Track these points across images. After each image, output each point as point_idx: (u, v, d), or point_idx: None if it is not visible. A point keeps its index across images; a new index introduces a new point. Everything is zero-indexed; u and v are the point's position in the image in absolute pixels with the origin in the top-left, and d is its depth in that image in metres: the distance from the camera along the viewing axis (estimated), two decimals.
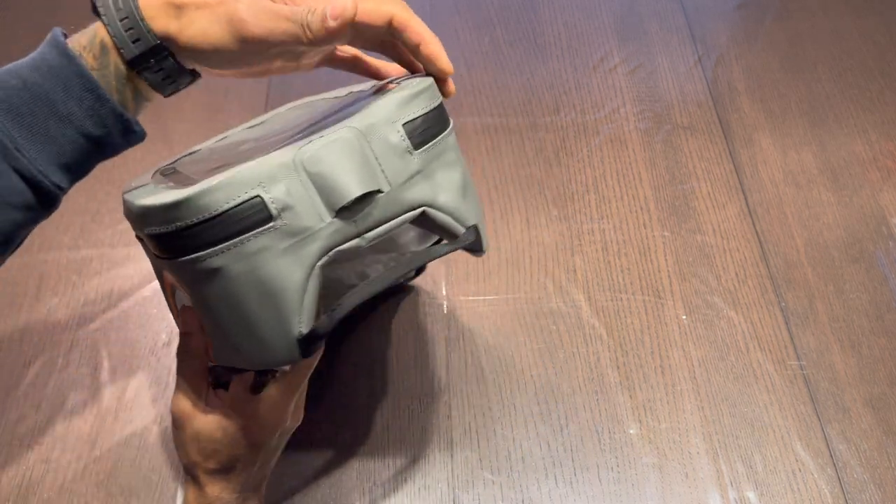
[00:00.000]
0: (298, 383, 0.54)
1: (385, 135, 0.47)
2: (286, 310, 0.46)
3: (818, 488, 0.66)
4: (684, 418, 0.70)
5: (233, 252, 0.45)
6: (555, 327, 0.76)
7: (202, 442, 0.54)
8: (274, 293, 0.45)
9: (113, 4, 0.46)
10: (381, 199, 0.47)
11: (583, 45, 1.03)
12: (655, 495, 0.65)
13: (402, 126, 0.48)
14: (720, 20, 1.07)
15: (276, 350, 0.47)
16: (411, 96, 0.49)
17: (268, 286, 0.45)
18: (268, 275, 0.45)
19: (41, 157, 0.46)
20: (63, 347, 0.73)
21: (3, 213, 0.46)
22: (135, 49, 0.46)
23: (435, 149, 0.50)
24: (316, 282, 0.46)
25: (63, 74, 0.46)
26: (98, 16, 0.46)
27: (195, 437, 0.54)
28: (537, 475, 0.67)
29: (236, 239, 0.44)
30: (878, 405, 0.71)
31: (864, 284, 0.79)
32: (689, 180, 0.88)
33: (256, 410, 0.53)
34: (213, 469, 0.54)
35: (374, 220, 0.47)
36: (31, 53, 0.47)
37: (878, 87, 0.98)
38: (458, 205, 0.51)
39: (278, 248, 0.45)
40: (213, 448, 0.54)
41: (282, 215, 0.44)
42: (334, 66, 0.58)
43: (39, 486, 0.65)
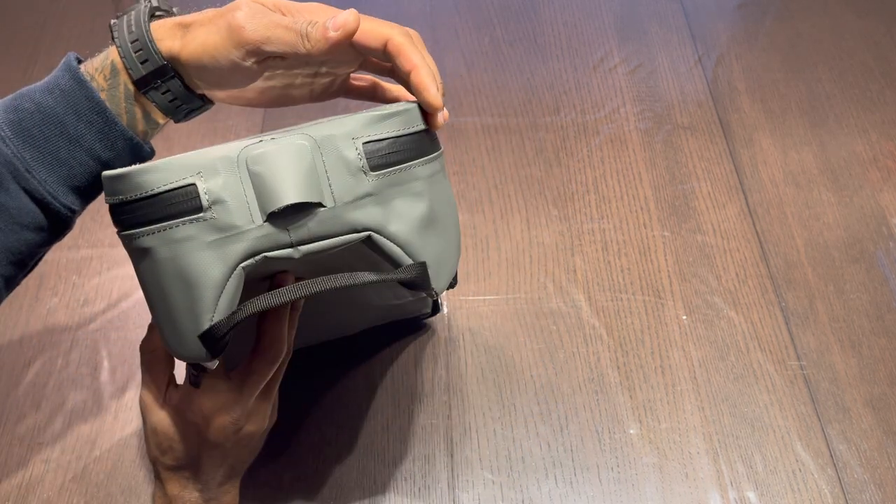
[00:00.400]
0: (254, 384, 0.52)
1: (341, 149, 0.45)
2: (200, 304, 0.45)
3: (818, 488, 0.66)
4: (684, 418, 0.70)
5: (160, 235, 0.45)
6: (555, 327, 0.76)
7: (159, 437, 0.53)
8: (191, 284, 0.45)
9: (126, 28, 0.48)
10: (321, 214, 0.45)
11: (583, 45, 1.03)
12: (655, 495, 0.65)
13: (362, 144, 0.46)
14: (720, 20, 1.07)
15: (189, 344, 0.47)
16: (382, 116, 0.47)
17: (187, 276, 0.45)
18: (188, 265, 0.45)
19: (51, 179, 0.47)
20: (63, 347, 0.73)
21: (15, 234, 0.47)
22: (142, 69, 0.47)
23: (398, 175, 0.47)
24: (236, 283, 0.45)
25: (74, 98, 0.47)
26: (112, 39, 0.48)
27: (153, 431, 0.54)
28: (537, 475, 0.67)
29: (165, 223, 0.44)
30: (878, 405, 0.71)
31: (865, 284, 0.79)
32: (689, 180, 0.88)
33: (201, 407, 0.52)
34: (172, 466, 0.54)
35: (311, 233, 0.45)
36: (47, 77, 0.49)
37: (878, 87, 0.98)
38: (411, 238, 0.48)
39: (203, 240, 0.44)
40: (167, 444, 0.53)
41: (212, 208, 0.44)
42: (351, 96, 0.57)
43: (39, 486, 0.65)
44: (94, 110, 0.47)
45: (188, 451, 0.54)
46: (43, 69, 0.98)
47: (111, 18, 0.50)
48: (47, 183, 0.47)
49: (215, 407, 0.52)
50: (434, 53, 1.05)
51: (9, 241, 0.47)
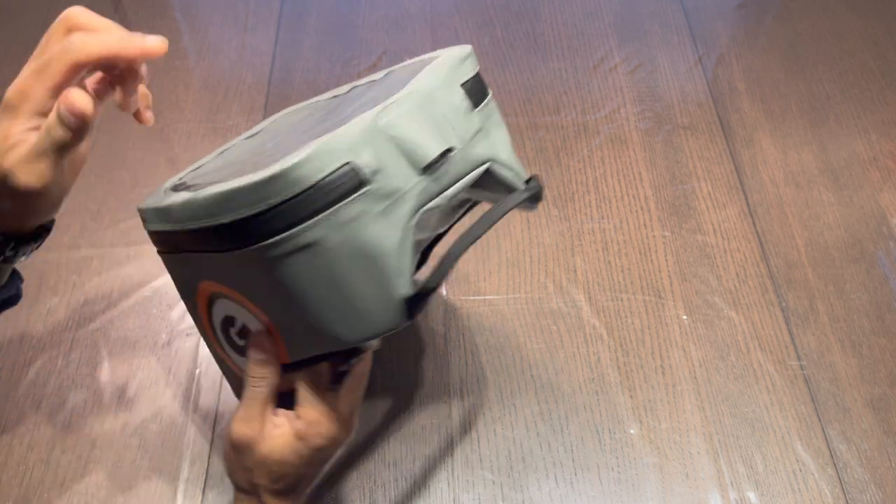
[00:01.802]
0: (359, 394, 0.53)
1: (447, 96, 0.49)
2: (387, 273, 0.46)
3: (819, 488, 0.66)
4: (685, 418, 0.70)
5: (328, 222, 0.44)
6: (555, 327, 0.76)
7: (271, 466, 0.52)
8: (374, 257, 0.45)
9: None
10: (454, 157, 0.48)
11: (583, 45, 1.03)
12: (656, 495, 0.65)
13: (461, 87, 0.49)
14: (720, 20, 1.07)
15: (378, 317, 0.47)
16: (461, 59, 0.50)
17: (367, 251, 0.45)
18: (366, 240, 0.45)
19: None
20: (63, 347, 0.73)
21: None
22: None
23: (487, 108, 0.51)
24: (410, 242, 0.46)
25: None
26: None
27: (263, 462, 0.52)
28: (537, 475, 0.66)
29: (332, 209, 0.44)
30: (878, 405, 0.71)
31: (865, 284, 0.79)
32: (689, 180, 0.88)
33: (328, 428, 0.52)
34: (280, 489, 0.53)
35: (451, 177, 0.48)
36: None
37: (878, 87, 0.98)
38: (514, 160, 0.52)
39: (373, 211, 0.45)
40: (282, 471, 0.52)
41: (374, 178, 0.44)
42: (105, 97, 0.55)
43: (39, 486, 0.65)
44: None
45: (303, 473, 0.53)
46: None
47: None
48: None
49: (337, 425, 0.52)
50: None
51: None
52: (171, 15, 1.07)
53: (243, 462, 0.52)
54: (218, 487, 0.65)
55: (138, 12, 1.06)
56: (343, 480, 0.66)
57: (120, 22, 0.52)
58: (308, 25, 1.05)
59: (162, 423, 0.69)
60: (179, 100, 0.95)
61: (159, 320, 0.76)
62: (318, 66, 1.00)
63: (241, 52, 1.02)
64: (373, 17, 1.06)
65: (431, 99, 0.48)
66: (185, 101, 0.95)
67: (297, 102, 0.95)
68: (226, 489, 0.65)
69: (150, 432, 0.68)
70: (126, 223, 0.83)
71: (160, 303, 0.77)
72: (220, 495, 0.65)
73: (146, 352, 0.73)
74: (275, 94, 0.97)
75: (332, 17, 1.07)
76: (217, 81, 0.98)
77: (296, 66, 1.00)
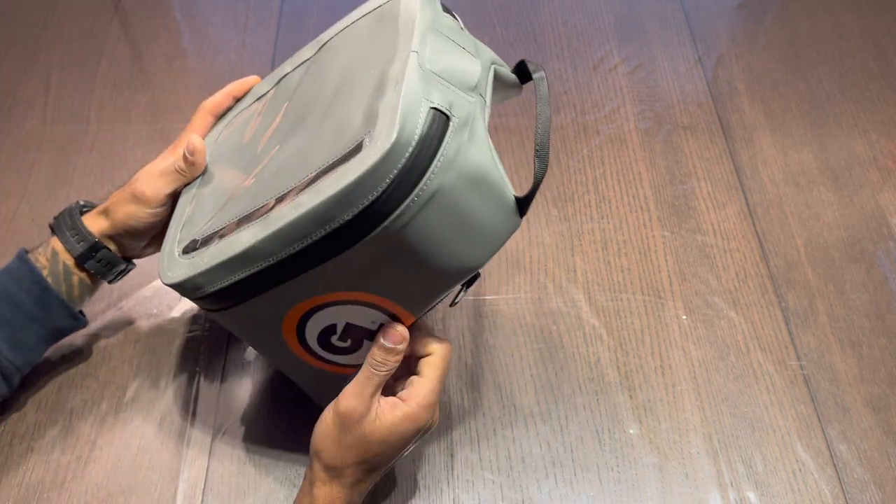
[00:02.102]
0: (445, 371, 0.57)
1: (445, 21, 0.53)
2: (498, 184, 0.48)
3: (818, 488, 0.66)
4: (684, 418, 0.70)
5: (440, 168, 0.45)
6: (555, 327, 0.76)
7: (372, 443, 0.54)
8: (483, 177, 0.47)
9: (64, 224, 0.63)
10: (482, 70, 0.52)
11: (583, 45, 1.03)
12: (655, 495, 0.65)
13: (445, 11, 0.55)
14: (720, 20, 1.07)
15: (501, 227, 0.50)
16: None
17: (477, 175, 0.47)
18: (472, 166, 0.47)
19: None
20: (63, 348, 0.73)
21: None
22: (79, 248, 0.62)
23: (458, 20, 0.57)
24: (495, 151, 0.49)
25: (18, 272, 0.62)
26: (52, 233, 0.63)
27: (365, 438, 0.54)
28: (537, 475, 0.67)
29: (438, 155, 0.45)
30: (878, 405, 0.71)
31: (865, 285, 0.79)
32: (689, 180, 0.88)
33: (433, 409, 0.55)
34: (370, 468, 0.56)
35: (484, 87, 0.53)
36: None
37: (878, 87, 0.98)
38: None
39: (464, 140, 0.47)
40: (381, 450, 0.54)
41: (452, 112, 0.46)
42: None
43: (39, 486, 0.65)
44: (34, 281, 0.61)
45: (395, 455, 0.56)
46: (42, 69, 0.99)
47: (53, 217, 0.64)
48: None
49: (434, 412, 0.56)
50: None
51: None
52: (171, 15, 1.07)
53: (342, 437, 0.54)
54: (218, 488, 0.65)
55: (138, 12, 1.06)
56: None
57: (120, 22, 0.52)
58: (308, 25, 1.05)
59: (162, 423, 0.69)
60: (180, 100, 0.95)
61: (159, 320, 0.76)
62: None
63: (241, 52, 1.02)
64: None
65: (438, 30, 0.51)
66: (186, 102, 0.95)
67: None
68: (226, 490, 0.65)
69: (150, 432, 0.68)
70: None
71: (160, 303, 0.77)
72: (221, 495, 0.65)
73: (146, 352, 0.73)
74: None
75: (332, 17, 1.07)
76: (217, 82, 0.98)
77: None
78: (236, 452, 0.67)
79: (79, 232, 0.63)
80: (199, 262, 0.51)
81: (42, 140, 0.91)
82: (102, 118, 0.93)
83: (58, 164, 0.89)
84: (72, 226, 0.63)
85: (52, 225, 0.64)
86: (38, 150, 0.90)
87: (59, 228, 0.63)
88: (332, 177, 0.45)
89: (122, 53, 1.01)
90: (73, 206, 0.65)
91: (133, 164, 0.88)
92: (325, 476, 0.55)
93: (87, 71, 0.98)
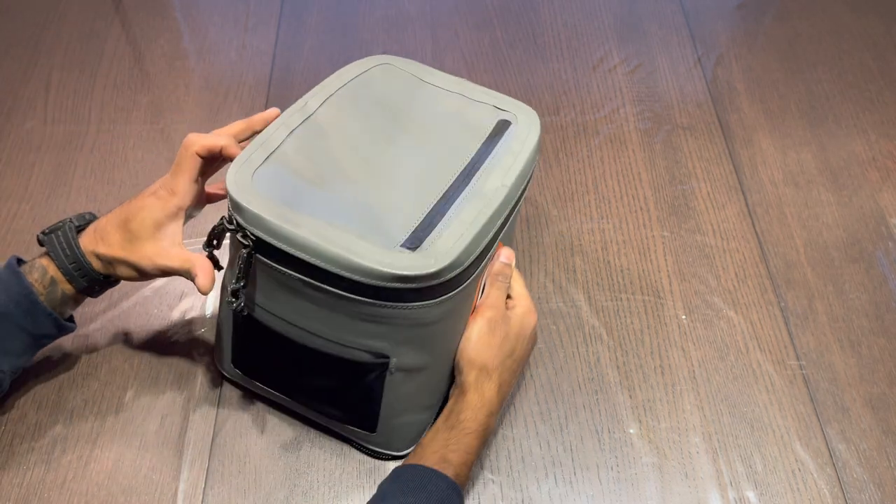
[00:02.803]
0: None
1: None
2: None
3: (818, 488, 0.66)
4: (684, 418, 0.70)
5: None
6: (555, 327, 0.76)
7: (513, 339, 0.64)
8: None
9: (60, 249, 0.61)
10: None
11: (583, 45, 1.03)
12: (655, 495, 0.65)
13: None
14: (720, 20, 1.07)
15: None
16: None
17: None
18: None
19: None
20: (64, 348, 0.73)
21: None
22: (83, 282, 0.62)
23: None
24: None
25: (7, 284, 0.61)
26: (45, 253, 0.62)
27: (507, 335, 0.63)
28: (537, 475, 0.67)
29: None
30: (877, 405, 0.71)
31: (864, 284, 0.79)
32: (688, 180, 0.88)
33: (529, 296, 0.68)
34: (515, 363, 0.65)
35: None
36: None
37: (877, 88, 0.98)
38: None
39: None
40: (516, 344, 0.64)
41: None
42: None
43: (40, 486, 0.65)
44: (22, 293, 0.60)
45: (526, 351, 0.67)
46: (43, 69, 0.99)
47: (38, 232, 0.62)
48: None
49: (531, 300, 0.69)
50: (434, 53, 1.05)
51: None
52: (172, 15, 1.07)
53: (491, 339, 0.62)
54: (218, 487, 0.65)
55: (139, 13, 1.06)
56: (343, 480, 0.66)
57: (120, 22, 0.52)
58: (308, 25, 1.06)
59: (162, 423, 0.69)
60: (180, 100, 0.96)
61: (160, 320, 0.76)
62: (318, 67, 1.00)
63: (241, 52, 1.02)
64: (373, 18, 1.06)
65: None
66: (186, 102, 0.95)
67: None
68: (226, 490, 0.65)
69: (150, 432, 0.68)
70: None
71: (160, 303, 0.77)
72: (221, 495, 0.65)
73: (147, 352, 0.73)
74: (275, 94, 0.97)
75: (332, 17, 1.07)
76: (217, 82, 0.98)
77: (296, 67, 1.00)
78: (236, 452, 0.67)
79: (82, 267, 0.62)
80: (461, 239, 0.55)
81: (43, 140, 0.91)
82: (103, 118, 0.93)
83: (58, 164, 0.89)
84: (73, 258, 0.62)
85: (43, 242, 0.62)
86: (39, 151, 0.90)
87: (56, 254, 0.62)
88: (506, 156, 0.61)
89: (122, 54, 1.01)
90: (66, 226, 0.62)
91: (133, 164, 0.89)
92: (479, 380, 0.61)
93: (87, 71, 0.99)
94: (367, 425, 0.63)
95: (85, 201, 0.85)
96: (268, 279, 0.57)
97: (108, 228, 0.61)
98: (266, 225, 0.53)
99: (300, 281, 0.55)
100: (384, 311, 0.55)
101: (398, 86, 0.66)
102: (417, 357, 0.59)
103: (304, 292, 0.56)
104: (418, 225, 0.56)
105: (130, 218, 0.61)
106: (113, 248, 0.61)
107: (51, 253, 0.61)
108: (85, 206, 0.85)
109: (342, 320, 0.56)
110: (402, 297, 0.54)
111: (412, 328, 0.57)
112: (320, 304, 0.56)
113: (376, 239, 0.54)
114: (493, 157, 0.61)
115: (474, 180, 0.59)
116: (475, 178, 0.60)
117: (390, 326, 0.56)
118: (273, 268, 0.55)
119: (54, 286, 0.62)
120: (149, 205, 0.61)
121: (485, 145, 0.62)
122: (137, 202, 0.61)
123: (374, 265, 0.52)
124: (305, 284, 0.55)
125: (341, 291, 0.54)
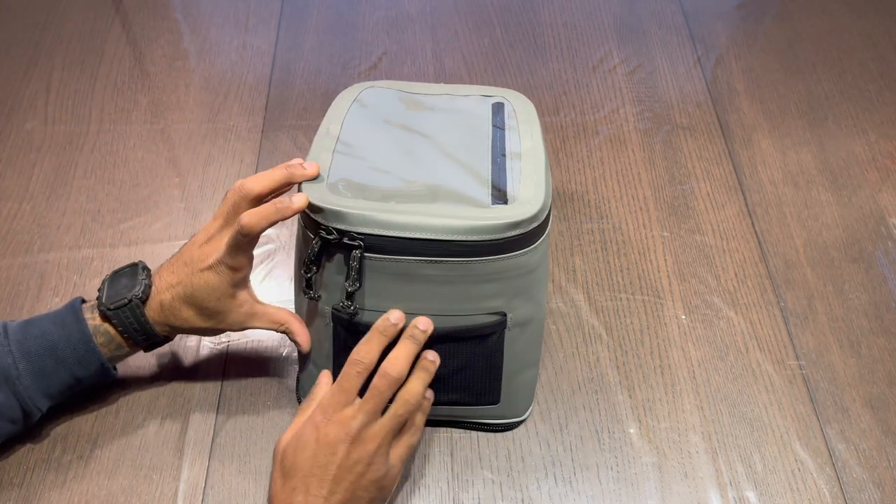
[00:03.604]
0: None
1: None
2: None
3: (817, 488, 0.66)
4: (684, 418, 0.70)
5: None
6: (555, 327, 0.76)
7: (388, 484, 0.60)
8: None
9: (126, 321, 0.61)
10: None
11: (583, 46, 1.03)
12: (655, 495, 0.65)
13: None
14: (720, 20, 1.07)
15: None
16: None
17: None
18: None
19: (34, 387, 0.61)
20: None
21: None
22: (145, 343, 0.63)
23: None
24: None
25: (69, 328, 0.61)
26: (108, 320, 0.62)
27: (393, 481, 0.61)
28: (537, 475, 0.67)
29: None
30: (877, 405, 0.71)
31: (864, 284, 0.79)
32: (688, 180, 0.88)
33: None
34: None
35: None
36: (55, 310, 0.63)
37: (877, 88, 0.98)
38: None
39: None
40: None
41: None
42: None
43: (40, 486, 0.65)
44: (82, 341, 0.61)
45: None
46: (43, 70, 0.99)
47: (98, 290, 0.63)
48: (30, 390, 0.61)
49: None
50: (434, 53, 1.05)
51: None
52: (172, 16, 1.07)
53: (392, 482, 0.61)
54: (218, 487, 0.65)
55: (139, 13, 1.06)
56: None
57: (121, 22, 0.52)
58: (308, 26, 1.06)
59: (163, 422, 0.69)
60: (180, 100, 0.96)
61: None
62: (318, 67, 1.00)
63: (241, 52, 1.02)
64: (373, 18, 1.06)
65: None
66: (186, 102, 0.95)
67: (297, 103, 0.96)
68: (226, 490, 0.65)
69: (151, 432, 0.68)
70: (126, 223, 0.84)
71: None
72: (221, 495, 0.65)
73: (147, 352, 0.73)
74: (275, 94, 0.97)
75: (332, 17, 1.07)
76: (218, 82, 0.98)
77: (296, 67, 1.00)
78: (236, 452, 0.67)
79: (147, 333, 0.62)
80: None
81: (43, 140, 0.91)
82: (103, 118, 0.94)
83: (59, 165, 0.89)
84: (139, 327, 0.62)
85: (113, 318, 0.61)
86: (40, 151, 0.90)
87: (122, 322, 0.61)
88: (519, 126, 0.66)
89: (122, 54, 1.01)
90: (133, 301, 0.61)
91: (133, 164, 0.89)
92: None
93: (88, 71, 0.99)
94: (492, 398, 0.65)
95: (85, 201, 0.85)
96: (377, 276, 0.58)
97: (175, 304, 0.61)
98: (377, 220, 0.56)
99: (416, 263, 0.57)
100: (500, 264, 0.58)
101: (391, 100, 0.69)
102: (526, 308, 0.62)
103: (419, 275, 0.57)
104: (491, 189, 0.60)
105: (197, 296, 0.61)
106: (191, 321, 0.62)
107: (119, 327, 0.61)
108: (85, 206, 0.85)
109: (460, 289, 0.59)
110: (513, 246, 0.58)
111: (520, 277, 0.59)
112: (437, 282, 0.58)
113: (471, 203, 0.58)
114: (508, 129, 0.66)
115: (507, 149, 0.64)
116: (506, 147, 0.64)
117: (504, 282, 0.59)
118: (384, 261, 0.57)
119: (120, 348, 0.63)
120: (213, 283, 0.60)
121: (494, 123, 0.67)
122: (198, 280, 0.60)
123: (492, 221, 0.56)
124: (422, 265, 0.57)
125: (460, 259, 0.57)
